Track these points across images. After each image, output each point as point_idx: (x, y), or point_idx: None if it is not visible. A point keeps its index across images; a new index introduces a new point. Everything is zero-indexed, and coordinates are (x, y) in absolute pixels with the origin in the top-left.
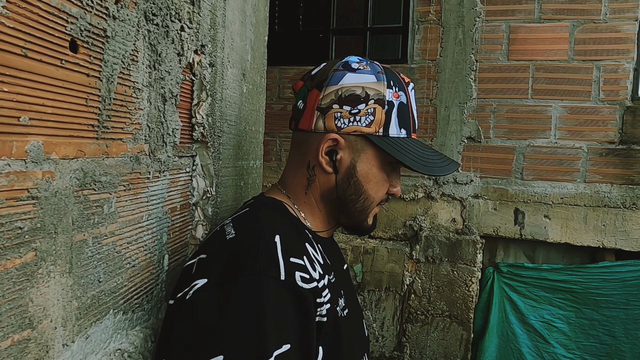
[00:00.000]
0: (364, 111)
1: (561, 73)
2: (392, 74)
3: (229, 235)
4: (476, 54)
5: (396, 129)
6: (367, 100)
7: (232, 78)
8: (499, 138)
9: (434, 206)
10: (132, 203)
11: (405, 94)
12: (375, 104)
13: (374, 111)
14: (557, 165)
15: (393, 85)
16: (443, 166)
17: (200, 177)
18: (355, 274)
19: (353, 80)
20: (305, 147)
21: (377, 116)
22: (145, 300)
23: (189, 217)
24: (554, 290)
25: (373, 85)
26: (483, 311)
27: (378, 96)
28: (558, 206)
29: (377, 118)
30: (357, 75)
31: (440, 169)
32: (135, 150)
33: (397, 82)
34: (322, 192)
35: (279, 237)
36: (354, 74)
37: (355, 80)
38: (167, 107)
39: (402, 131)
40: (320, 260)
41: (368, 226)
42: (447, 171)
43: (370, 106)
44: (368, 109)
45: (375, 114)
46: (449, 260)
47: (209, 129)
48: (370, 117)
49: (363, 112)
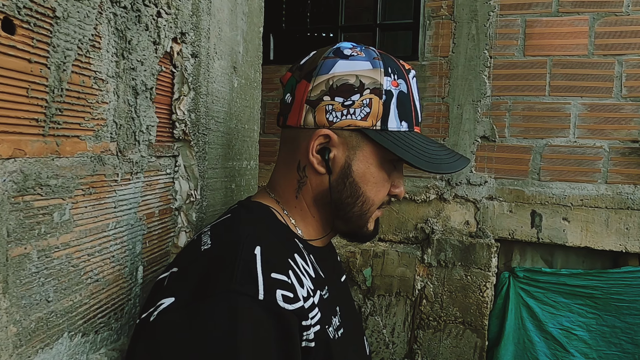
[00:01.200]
0: (359, 102)
1: (580, 68)
2: (390, 60)
3: (204, 246)
4: (490, 49)
5: (396, 122)
6: (362, 90)
7: (220, 71)
8: (515, 137)
9: (447, 208)
10: (94, 209)
11: (405, 82)
12: (371, 94)
13: (369, 102)
14: (577, 166)
15: (391, 73)
16: (451, 162)
17: (184, 179)
18: (365, 278)
19: (345, 68)
20: (294, 145)
21: (373, 108)
22: (113, 318)
23: (170, 224)
24: (574, 296)
25: (368, 73)
26: (498, 318)
27: (374, 85)
28: (578, 208)
29: (374, 110)
30: (350, 62)
31: (448, 166)
32: (98, 149)
33: (396, 69)
34: (315, 195)
35: (259, 248)
36: (346, 61)
37: (348, 68)
38: (140, 101)
39: (402, 124)
40: (312, 273)
41: (369, 232)
42: (456, 168)
43: (365, 97)
44: (363, 99)
45: (371, 105)
46: (462, 265)
47: (192, 126)
48: (366, 109)
49: (358, 104)
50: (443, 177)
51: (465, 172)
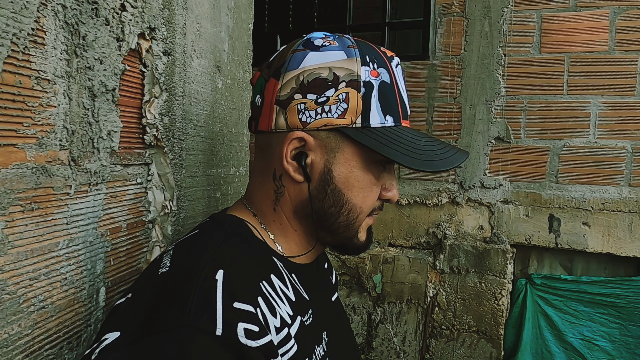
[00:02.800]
0: (334, 98)
1: (600, 65)
2: (368, 48)
3: (161, 269)
4: (504, 47)
5: (379, 117)
6: (337, 83)
7: (199, 70)
8: (531, 138)
9: (459, 212)
10: (38, 227)
11: (388, 71)
12: (347, 88)
13: (346, 97)
14: (597, 167)
15: (370, 62)
16: (446, 158)
17: (158, 189)
18: (375, 284)
19: (317, 60)
20: (268, 152)
21: (351, 103)
22: (67, 348)
23: (142, 238)
24: (595, 305)
25: (343, 63)
26: (515, 327)
27: (350, 77)
28: (598, 212)
29: (352, 105)
30: (321, 53)
31: (441, 163)
32: (43, 159)
33: (375, 56)
34: (295, 206)
35: (222, 273)
36: (317, 52)
37: (319, 61)
38: (99, 104)
39: (387, 119)
40: (292, 296)
41: (361, 243)
42: (453, 163)
43: (341, 91)
44: (339, 94)
45: (348, 100)
46: (476, 271)
47: (166, 131)
48: (343, 105)
49: (333, 100)
50: (455, 180)
51: (478, 175)
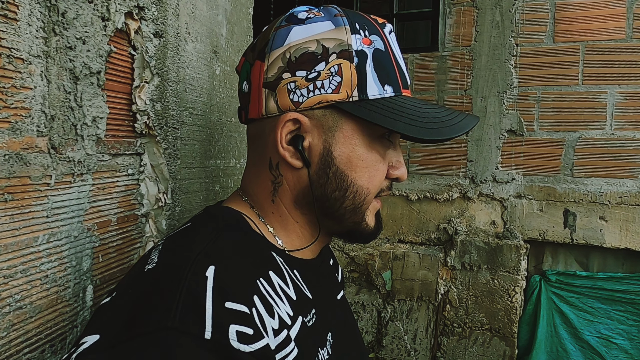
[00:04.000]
0: (326, 72)
1: (617, 54)
2: (356, 15)
3: (149, 265)
4: (516, 37)
5: (377, 87)
6: (327, 56)
7: (195, 55)
8: (545, 130)
9: (471, 207)
10: (12, 220)
11: (381, 39)
12: (339, 59)
13: (339, 69)
14: (614, 160)
15: (360, 29)
16: (455, 124)
17: (151, 180)
18: (385, 281)
19: (303, 34)
20: (261, 141)
21: (345, 75)
22: (50, 351)
23: (135, 233)
24: (613, 302)
25: (331, 34)
26: (529, 324)
27: (341, 47)
28: (616, 206)
29: (347, 77)
30: (306, 26)
31: (450, 129)
32: (17, 146)
33: (365, 24)
34: (295, 196)
35: (213, 269)
36: (302, 26)
37: (305, 34)
38: (83, 88)
39: (386, 88)
40: (293, 294)
41: (370, 229)
42: (463, 129)
43: (332, 63)
44: (330, 67)
45: (341, 72)
46: (488, 268)
47: (158, 119)
48: (336, 79)
49: (325, 74)
50: (467, 174)
51: (490, 169)
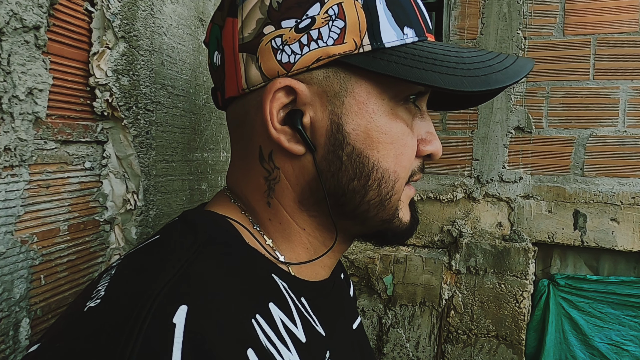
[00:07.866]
0: (322, 17)
1: (631, 48)
2: None
3: (91, 301)
4: (524, 29)
5: (394, 31)
6: None
7: (175, 20)
8: (554, 127)
9: (476, 208)
10: None
11: None
12: None
13: (339, 10)
14: (627, 159)
15: None
16: (506, 67)
17: (117, 176)
18: (386, 286)
19: None
20: (246, 126)
21: (349, 17)
22: None
23: (95, 244)
24: (624, 307)
25: None
26: (537, 331)
27: None
28: (628, 207)
29: (352, 20)
30: None
31: (502, 75)
32: None
33: None
34: (299, 194)
35: (185, 311)
36: None
37: None
38: (11, 47)
39: (406, 32)
40: (300, 334)
41: (405, 225)
42: (519, 74)
43: (330, 3)
44: (327, 9)
45: (344, 14)
46: (494, 272)
47: (124, 96)
48: (338, 24)
49: (321, 20)
50: (472, 173)
51: (497, 168)
